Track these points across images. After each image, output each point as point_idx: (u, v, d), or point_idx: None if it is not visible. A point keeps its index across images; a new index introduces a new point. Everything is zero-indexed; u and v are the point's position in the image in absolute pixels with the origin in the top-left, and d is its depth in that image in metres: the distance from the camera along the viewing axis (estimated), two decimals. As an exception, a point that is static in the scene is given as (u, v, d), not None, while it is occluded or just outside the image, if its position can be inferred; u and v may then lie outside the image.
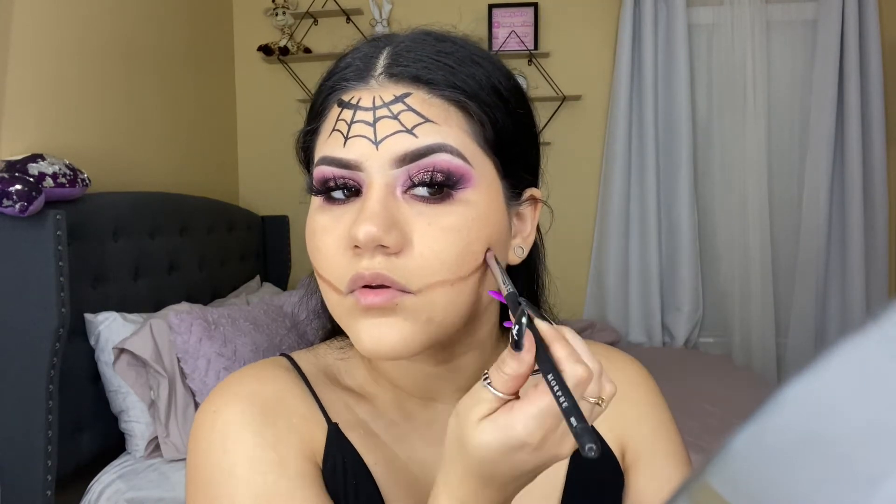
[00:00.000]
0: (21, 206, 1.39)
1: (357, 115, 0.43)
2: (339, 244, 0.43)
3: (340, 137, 0.44)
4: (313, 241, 0.45)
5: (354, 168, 0.43)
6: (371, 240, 0.40)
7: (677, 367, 2.33)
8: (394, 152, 0.42)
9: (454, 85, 0.44)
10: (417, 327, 0.43)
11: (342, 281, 0.43)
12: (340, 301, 0.44)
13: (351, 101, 0.44)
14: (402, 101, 0.43)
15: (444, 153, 0.42)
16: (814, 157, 2.68)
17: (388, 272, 0.41)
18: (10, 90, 1.64)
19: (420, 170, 0.42)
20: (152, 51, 2.26)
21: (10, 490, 1.46)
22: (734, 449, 0.20)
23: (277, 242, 2.82)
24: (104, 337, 1.64)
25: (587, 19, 2.83)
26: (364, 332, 0.43)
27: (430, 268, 0.42)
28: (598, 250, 2.87)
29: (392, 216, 0.42)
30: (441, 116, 0.43)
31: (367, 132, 0.43)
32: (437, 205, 0.43)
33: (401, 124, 0.42)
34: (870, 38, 2.59)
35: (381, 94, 0.43)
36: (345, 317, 0.44)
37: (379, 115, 0.43)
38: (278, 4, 2.79)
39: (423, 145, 0.42)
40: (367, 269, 0.41)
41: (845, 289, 2.70)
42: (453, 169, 0.43)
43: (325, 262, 0.44)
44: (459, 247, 0.42)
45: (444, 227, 0.42)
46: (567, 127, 2.84)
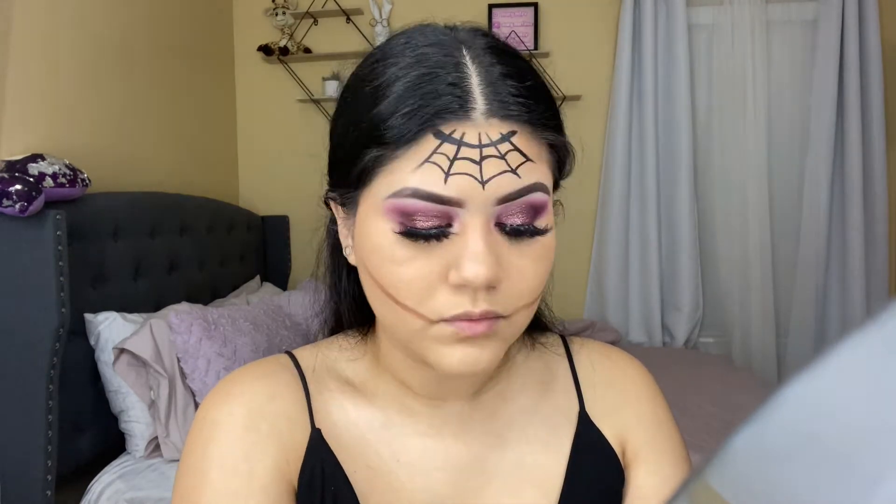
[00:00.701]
0: (21, 206, 1.39)
1: (461, 152, 0.42)
2: (431, 277, 0.43)
3: (439, 172, 0.42)
4: (395, 270, 0.44)
5: (454, 205, 0.42)
6: (485, 283, 0.42)
7: (677, 367, 2.33)
8: (499, 192, 0.42)
9: (552, 128, 0.46)
10: (500, 346, 0.46)
11: (435, 313, 0.43)
12: (426, 327, 0.44)
13: (453, 135, 0.42)
14: (509, 140, 0.43)
15: (539, 192, 0.44)
16: (814, 157, 2.69)
17: (494, 307, 0.43)
18: (10, 90, 1.64)
19: (518, 208, 0.43)
20: (152, 51, 2.26)
21: (10, 490, 1.46)
22: (734, 449, 0.20)
23: (277, 242, 2.82)
24: (104, 337, 1.64)
25: (587, 19, 2.83)
26: (458, 356, 0.44)
27: (521, 296, 0.45)
28: (598, 250, 2.87)
29: (495, 254, 0.43)
30: (537, 155, 0.45)
31: (473, 170, 0.42)
32: (525, 237, 0.44)
33: (507, 164, 0.42)
34: (870, 38, 2.59)
35: (487, 132, 0.42)
36: (430, 342, 0.45)
37: (486, 153, 0.42)
38: (278, 4, 2.79)
39: (524, 186, 0.43)
40: (476, 306, 0.43)
41: (845, 289, 2.70)
42: (542, 205, 0.45)
43: (412, 292, 0.44)
44: (543, 274, 0.46)
45: (532, 258, 0.45)
46: (567, 127, 2.82)
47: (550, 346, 0.60)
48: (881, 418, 0.17)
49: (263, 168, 2.96)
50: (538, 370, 0.58)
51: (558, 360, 0.59)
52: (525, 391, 0.56)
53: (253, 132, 2.97)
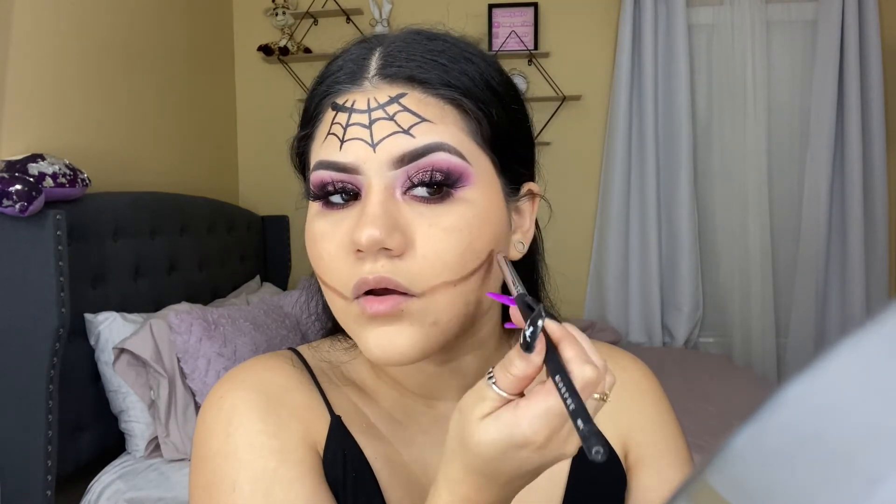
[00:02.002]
0: (21, 206, 1.39)
1: (352, 118, 0.43)
2: (340, 249, 0.43)
3: (336, 141, 0.43)
4: (315, 248, 0.44)
5: (352, 171, 0.43)
6: (373, 243, 0.40)
7: (677, 367, 2.33)
8: (392, 154, 0.42)
9: (449, 83, 0.44)
10: (423, 331, 0.43)
11: (346, 286, 0.43)
12: (346, 307, 0.44)
13: (345, 104, 0.44)
14: (398, 101, 0.42)
15: (443, 152, 0.42)
16: (814, 157, 2.68)
17: (392, 275, 0.41)
18: (10, 90, 1.64)
19: (419, 170, 0.42)
20: (152, 51, 2.26)
21: (10, 490, 1.46)
22: (734, 449, 0.20)
23: (277, 242, 2.82)
24: (104, 337, 1.64)
25: (587, 19, 2.83)
26: (371, 340, 0.43)
27: (432, 269, 0.42)
28: (598, 250, 2.87)
29: (393, 218, 0.41)
30: (437, 115, 0.43)
31: (364, 134, 0.42)
32: (437, 205, 0.42)
33: (397, 125, 0.42)
34: (870, 39, 2.59)
35: (375, 96, 0.43)
36: (351, 323, 0.44)
37: (374, 116, 0.42)
38: (278, 4, 2.79)
39: (420, 145, 0.42)
40: (371, 273, 0.41)
41: (845, 289, 2.70)
42: (452, 167, 0.42)
43: (328, 268, 0.44)
44: (462, 246, 0.42)
45: (446, 228, 0.42)
46: (567, 127, 2.84)
47: None
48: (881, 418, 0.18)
49: (263, 168, 2.96)
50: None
51: None
52: None
53: (253, 132, 2.97)
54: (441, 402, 0.53)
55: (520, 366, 0.35)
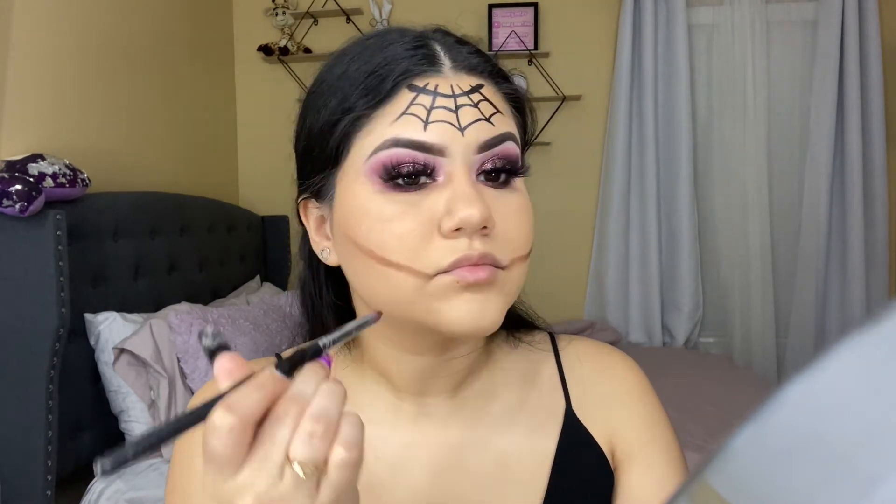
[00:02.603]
0: (21, 206, 1.39)
1: (437, 101, 0.44)
2: (422, 228, 0.43)
3: (418, 122, 0.43)
4: (384, 228, 0.43)
5: (437, 152, 0.43)
6: (481, 221, 0.42)
7: (677, 367, 2.33)
8: (478, 139, 0.44)
9: (509, 80, 0.48)
10: (504, 300, 0.45)
11: (431, 264, 0.43)
12: (422, 285, 0.43)
13: (427, 87, 0.44)
14: (479, 91, 0.45)
15: (512, 142, 0.46)
16: (814, 157, 2.68)
17: (491, 251, 0.43)
18: (10, 90, 1.64)
19: (494, 156, 0.45)
20: (152, 51, 2.26)
21: (10, 490, 1.46)
22: (734, 449, 0.20)
23: (277, 242, 2.82)
24: (104, 337, 1.64)
25: (587, 19, 2.83)
26: (464, 309, 0.43)
27: (514, 244, 0.45)
28: (598, 250, 2.87)
29: (484, 198, 0.43)
30: (503, 108, 0.47)
31: (451, 118, 0.44)
32: (502, 189, 0.46)
33: (481, 113, 0.44)
34: (870, 39, 2.59)
35: (457, 83, 0.45)
36: (428, 300, 0.44)
37: (460, 102, 0.44)
38: (278, 4, 2.79)
39: (499, 133, 0.45)
40: (473, 249, 0.42)
41: (845, 289, 2.70)
42: (517, 157, 0.46)
43: (404, 248, 0.43)
44: (527, 226, 0.47)
45: (516, 208, 0.46)
46: (567, 127, 2.83)
47: (536, 343, 0.59)
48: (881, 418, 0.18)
49: (263, 168, 2.96)
50: (523, 367, 0.57)
51: (544, 357, 0.58)
52: (509, 388, 0.56)
53: (253, 132, 2.97)
54: (429, 399, 0.53)
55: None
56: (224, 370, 0.34)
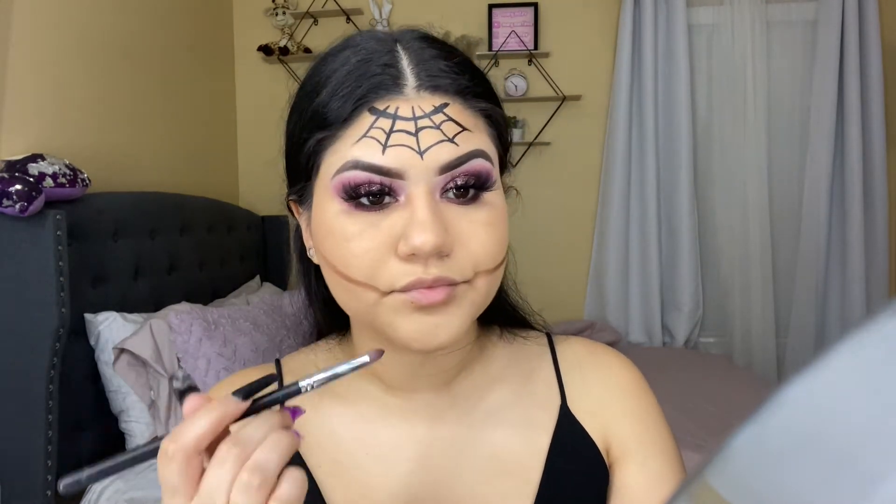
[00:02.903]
0: (21, 206, 1.39)
1: (397, 125, 0.44)
2: (380, 249, 0.44)
3: (377, 145, 0.44)
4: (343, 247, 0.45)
5: (395, 176, 0.44)
6: (434, 249, 0.42)
7: (677, 367, 2.33)
8: (439, 161, 0.44)
9: (480, 95, 0.47)
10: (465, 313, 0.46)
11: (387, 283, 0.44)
12: (379, 300, 0.45)
13: (387, 110, 0.45)
14: (442, 111, 0.45)
15: (480, 158, 0.46)
16: (814, 157, 2.68)
17: (446, 273, 0.44)
18: (10, 90, 1.64)
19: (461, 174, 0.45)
20: (152, 51, 2.26)
21: (10, 490, 1.46)
22: (734, 449, 0.20)
23: (277, 242, 2.82)
24: (104, 337, 1.64)
25: (587, 19, 2.83)
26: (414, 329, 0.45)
27: (476, 260, 0.45)
28: (598, 250, 2.87)
29: (442, 221, 0.44)
30: (473, 124, 0.46)
31: (410, 141, 0.44)
32: (470, 205, 0.46)
33: (443, 134, 0.44)
34: (870, 39, 2.59)
35: (419, 105, 0.45)
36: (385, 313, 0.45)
37: (421, 125, 0.44)
38: (278, 4, 2.79)
39: (463, 153, 0.45)
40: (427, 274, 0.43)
41: (845, 289, 2.70)
42: (486, 172, 0.46)
43: (363, 266, 0.45)
44: (496, 238, 0.46)
45: (482, 223, 0.46)
46: (567, 127, 2.83)
47: (532, 340, 0.60)
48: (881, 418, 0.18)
49: (263, 168, 2.94)
50: (517, 363, 0.58)
51: (540, 354, 0.59)
52: (503, 383, 0.56)
53: (253, 132, 2.97)
54: (419, 394, 0.55)
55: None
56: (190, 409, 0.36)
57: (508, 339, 0.59)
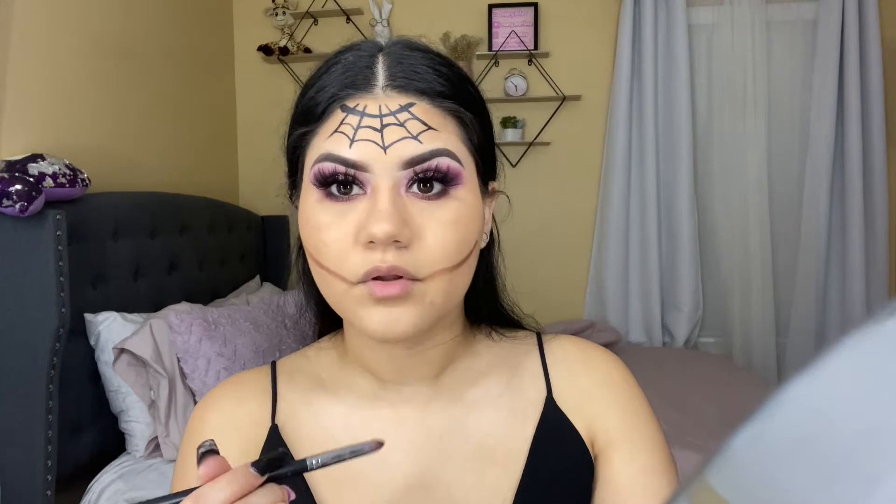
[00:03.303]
0: (21, 206, 1.39)
1: (364, 121, 0.47)
2: (347, 239, 0.47)
3: (345, 139, 0.48)
4: (317, 236, 0.49)
5: (360, 168, 0.47)
6: (388, 237, 0.45)
7: (677, 367, 2.33)
8: (402, 156, 0.47)
9: (450, 96, 0.50)
10: (423, 309, 0.48)
11: (352, 272, 0.47)
12: (347, 290, 0.48)
13: (356, 108, 0.48)
14: (408, 110, 0.48)
15: (445, 157, 0.48)
16: (814, 157, 2.68)
17: (402, 264, 0.46)
18: (10, 90, 1.64)
19: (423, 170, 0.47)
20: (152, 51, 2.26)
21: (10, 490, 1.46)
22: (734, 449, 0.20)
23: (277, 242, 2.82)
24: (104, 337, 1.64)
25: (587, 19, 2.83)
26: (375, 319, 0.48)
27: (434, 257, 0.47)
28: (598, 250, 2.87)
29: (402, 213, 0.46)
30: (440, 124, 0.49)
31: (374, 137, 0.47)
32: (436, 201, 0.48)
33: (407, 131, 0.47)
34: (870, 39, 2.59)
35: (386, 104, 0.48)
36: (352, 304, 0.49)
37: (386, 122, 0.47)
38: (278, 4, 2.79)
39: (427, 150, 0.47)
40: (383, 262, 0.46)
41: (845, 289, 2.70)
42: (451, 170, 0.48)
43: (332, 255, 0.48)
44: (458, 237, 0.48)
45: (445, 221, 0.48)
46: (567, 127, 2.84)
47: (521, 338, 0.62)
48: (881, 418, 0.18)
49: (263, 168, 2.95)
50: (505, 357, 0.60)
51: (528, 349, 0.61)
52: (490, 376, 0.59)
53: (253, 132, 2.97)
54: (408, 386, 0.57)
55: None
56: (207, 474, 0.39)
57: (497, 337, 0.61)
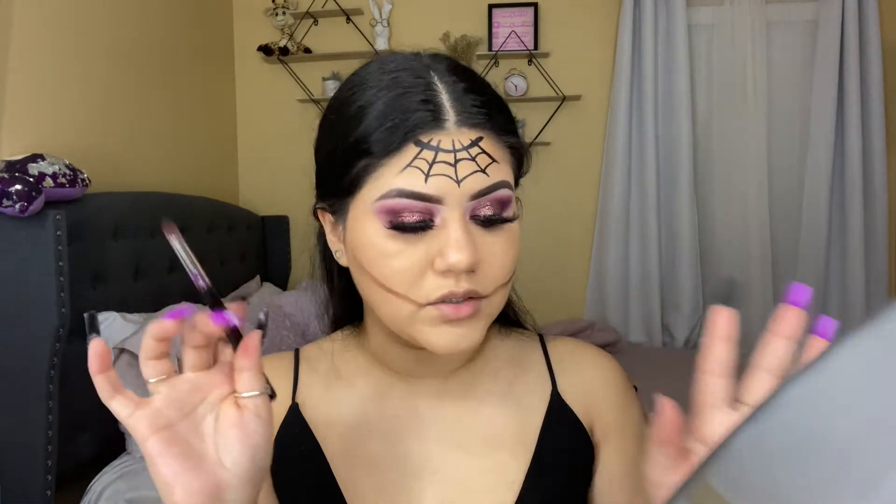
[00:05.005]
0: (21, 206, 1.39)
1: (439, 157, 0.50)
2: (418, 265, 0.50)
3: (420, 174, 0.49)
4: (385, 263, 0.51)
5: (435, 201, 0.50)
6: (467, 266, 0.49)
7: (677, 367, 2.32)
8: (473, 189, 0.50)
9: (509, 131, 0.53)
10: (484, 323, 0.53)
11: (423, 296, 0.50)
12: (415, 311, 0.51)
13: (430, 143, 0.50)
14: (478, 144, 0.51)
15: (505, 189, 0.52)
16: (814, 157, 2.68)
17: (474, 287, 0.51)
18: (10, 90, 1.64)
19: (488, 202, 0.51)
20: (152, 51, 2.26)
21: (10, 490, 1.46)
22: (734, 449, 0.20)
23: (277, 242, 2.82)
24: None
25: (587, 19, 2.83)
26: (445, 337, 0.51)
27: (496, 278, 0.52)
28: (598, 250, 2.87)
29: (473, 242, 0.50)
30: (500, 156, 0.52)
31: (449, 171, 0.50)
32: (492, 229, 0.52)
33: (477, 165, 0.50)
34: (870, 39, 2.59)
35: (459, 139, 0.50)
36: (420, 324, 0.52)
37: (459, 157, 0.50)
38: (278, 4, 2.79)
39: (493, 182, 0.51)
40: (459, 287, 0.50)
41: (845, 289, 2.70)
42: (508, 200, 0.52)
43: (400, 280, 0.51)
44: (513, 257, 0.53)
45: (503, 244, 0.52)
46: (567, 127, 2.83)
47: (526, 336, 0.67)
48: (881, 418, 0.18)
49: (263, 168, 2.96)
50: (513, 354, 0.65)
51: (533, 347, 0.66)
52: (499, 370, 0.63)
53: (253, 132, 2.97)
54: (423, 380, 0.61)
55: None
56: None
57: (505, 333, 0.66)
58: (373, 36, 2.81)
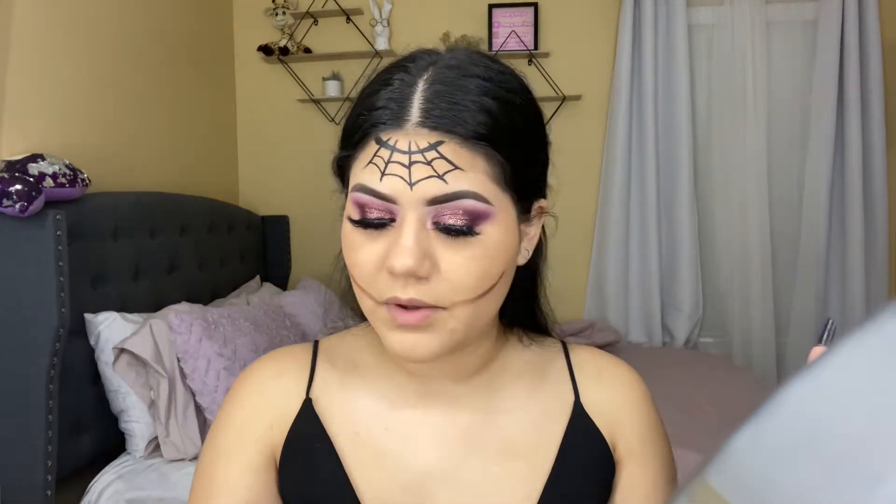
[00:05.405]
0: (21, 206, 1.39)
1: (393, 156, 0.48)
2: (375, 262, 0.50)
3: (377, 171, 0.49)
4: (352, 254, 0.51)
5: (390, 201, 0.49)
6: (407, 272, 0.47)
7: (677, 367, 2.33)
8: (426, 194, 0.48)
9: (481, 135, 0.48)
10: (444, 337, 0.50)
11: (378, 294, 0.50)
12: (375, 308, 0.51)
13: (388, 141, 0.49)
14: (436, 149, 0.48)
15: (469, 199, 0.48)
16: (814, 157, 2.68)
17: (421, 297, 0.48)
18: (10, 90, 1.64)
19: (448, 210, 0.48)
20: (152, 51, 2.26)
21: (10, 490, 1.46)
22: (734, 449, 0.20)
23: (277, 242, 2.82)
24: (104, 337, 1.64)
25: (587, 19, 2.83)
26: (397, 342, 0.51)
27: (454, 290, 0.49)
28: (598, 250, 2.87)
29: (423, 248, 0.48)
30: (468, 163, 0.48)
31: (403, 173, 0.48)
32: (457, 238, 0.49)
33: (433, 170, 0.48)
34: (870, 38, 2.59)
35: (416, 140, 0.48)
36: (378, 323, 0.52)
37: (414, 159, 0.48)
38: (278, 4, 2.79)
39: (451, 191, 0.48)
40: (404, 294, 0.48)
41: (845, 289, 2.70)
42: (476, 211, 0.48)
43: (362, 274, 0.51)
44: (480, 272, 0.49)
45: (467, 256, 0.49)
46: (567, 127, 2.83)
47: (548, 344, 0.64)
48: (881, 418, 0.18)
49: (263, 168, 2.96)
50: (535, 363, 0.63)
51: (556, 356, 0.64)
52: (519, 379, 0.61)
53: (253, 132, 2.97)
54: (436, 382, 0.59)
55: None
56: None
57: (527, 342, 0.63)
58: (373, 36, 2.81)
